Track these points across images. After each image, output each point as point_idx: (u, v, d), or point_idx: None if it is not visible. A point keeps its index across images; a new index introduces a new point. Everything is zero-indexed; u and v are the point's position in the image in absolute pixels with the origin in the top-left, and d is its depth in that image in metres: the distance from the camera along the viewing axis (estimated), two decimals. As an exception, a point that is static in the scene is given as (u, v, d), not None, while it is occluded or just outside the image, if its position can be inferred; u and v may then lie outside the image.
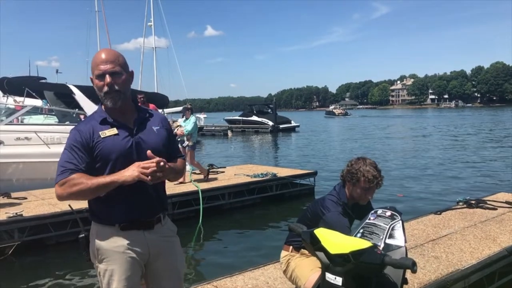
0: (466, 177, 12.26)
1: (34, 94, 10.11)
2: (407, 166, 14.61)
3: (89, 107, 9.46)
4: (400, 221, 2.26)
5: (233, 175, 9.66)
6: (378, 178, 2.75)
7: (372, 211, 2.39)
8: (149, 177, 1.87)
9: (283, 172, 9.98)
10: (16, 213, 6.22)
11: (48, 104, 11.14)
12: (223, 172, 10.24)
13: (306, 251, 2.97)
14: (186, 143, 8.50)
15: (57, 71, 38.68)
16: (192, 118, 8.71)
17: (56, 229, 6.41)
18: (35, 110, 11.37)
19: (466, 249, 4.25)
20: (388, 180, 11.51)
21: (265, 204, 8.97)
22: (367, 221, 2.32)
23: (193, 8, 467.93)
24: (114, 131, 2.02)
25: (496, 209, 5.76)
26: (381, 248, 2.11)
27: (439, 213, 5.71)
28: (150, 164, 1.88)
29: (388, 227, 2.21)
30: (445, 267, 3.82)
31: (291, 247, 3.04)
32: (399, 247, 2.15)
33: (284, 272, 3.07)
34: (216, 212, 8.16)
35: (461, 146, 21.30)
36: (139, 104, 2.28)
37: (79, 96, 9.51)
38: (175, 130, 8.22)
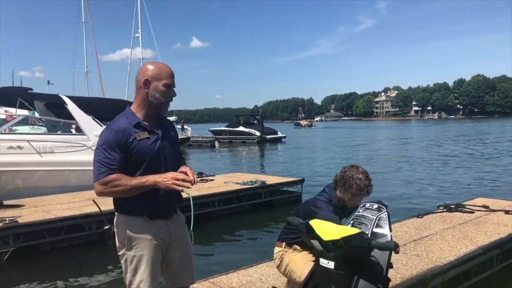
0: (447, 184, 12.72)
1: (27, 104, 10.24)
2: (390, 173, 15.01)
3: (81, 117, 9.61)
4: (386, 213, 2.53)
5: (222, 183, 9.87)
6: (368, 186, 3.01)
7: (361, 205, 2.66)
8: (181, 188, 2.17)
9: (271, 179, 10.22)
10: (12, 219, 6.34)
11: (36, 114, 11.26)
12: (212, 180, 10.44)
13: (298, 247, 3.21)
14: None
15: (48, 82, 38.81)
16: None
17: (51, 235, 6.53)
18: (25, 121, 11.48)
19: (445, 248, 4.54)
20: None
21: (254, 211, 9.20)
22: (356, 213, 2.59)
23: (178, 20, 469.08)
24: (146, 134, 2.28)
25: (474, 212, 6.08)
26: (368, 236, 2.37)
27: (421, 216, 6.01)
28: (185, 177, 2.18)
29: (375, 218, 2.48)
30: (426, 263, 4.09)
31: (284, 243, 3.24)
32: (385, 235, 2.42)
33: (278, 267, 3.26)
34: (206, 219, 8.34)
35: (443, 154, 21.87)
36: None
37: (71, 107, 9.66)
38: None
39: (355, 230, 2.27)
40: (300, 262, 3.05)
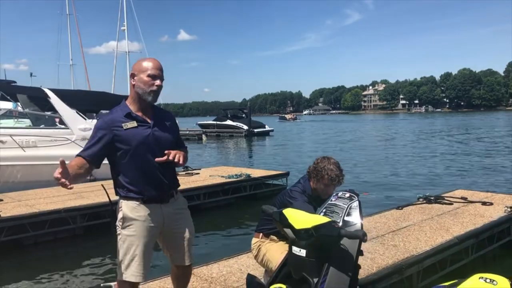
0: (429, 177, 12.95)
1: (8, 98, 10.12)
2: (372, 166, 15.20)
3: (64, 110, 9.55)
4: (357, 202, 2.60)
5: (208, 176, 9.92)
6: (340, 177, 3.09)
7: (334, 193, 2.74)
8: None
9: (256, 173, 10.30)
10: (-6, 213, 6.32)
11: (20, 107, 11.13)
12: (198, 173, 10.48)
13: (274, 237, 3.28)
14: None
15: (31, 75, 38.02)
16: None
17: (34, 229, 6.52)
18: (8, 114, 11.36)
19: (422, 238, 4.66)
20: (354, 179, 12.03)
21: (239, 204, 9.27)
22: (329, 202, 2.66)
23: (166, 12, 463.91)
24: (134, 124, 2.47)
25: (452, 204, 6.22)
26: (339, 225, 2.45)
27: (400, 208, 6.13)
28: (58, 177, 2.24)
29: (346, 206, 2.56)
30: (402, 253, 4.21)
31: (261, 234, 3.32)
32: (355, 223, 2.50)
33: (256, 257, 3.33)
34: (191, 211, 8.34)
35: (425, 147, 22.17)
36: None
37: (55, 100, 9.58)
38: None
39: (326, 219, 2.34)
40: (277, 252, 3.12)
